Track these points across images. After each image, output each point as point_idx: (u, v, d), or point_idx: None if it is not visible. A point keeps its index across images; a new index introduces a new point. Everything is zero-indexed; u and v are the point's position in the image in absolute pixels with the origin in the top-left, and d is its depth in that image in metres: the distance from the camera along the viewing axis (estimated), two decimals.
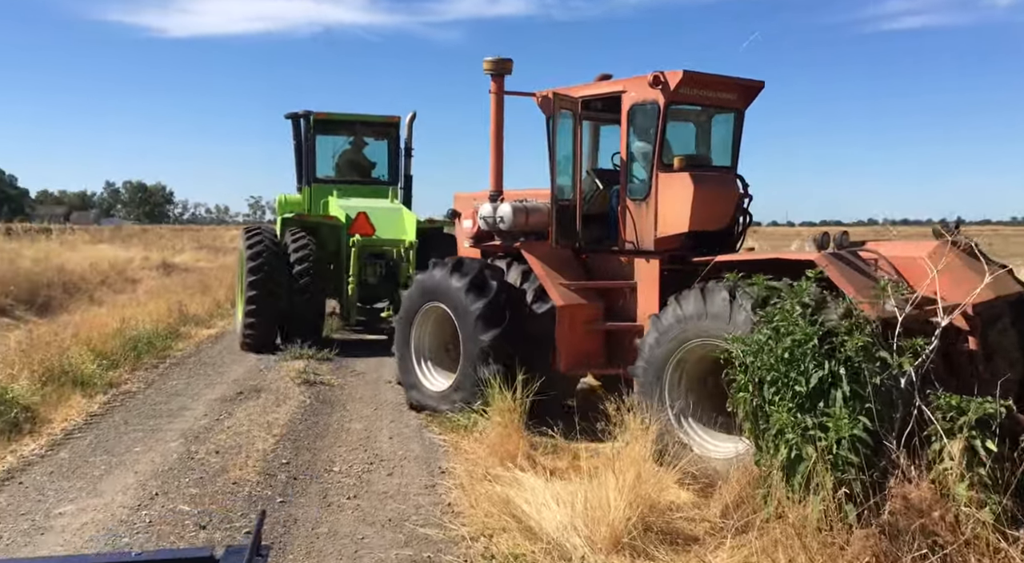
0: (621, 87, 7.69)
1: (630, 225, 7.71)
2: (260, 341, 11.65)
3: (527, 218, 8.32)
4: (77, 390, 8.64)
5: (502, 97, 8.52)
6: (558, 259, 8.03)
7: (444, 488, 6.08)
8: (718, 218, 7.65)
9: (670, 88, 7.22)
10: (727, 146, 7.99)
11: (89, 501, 5.63)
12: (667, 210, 7.42)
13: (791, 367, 5.00)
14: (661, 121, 7.34)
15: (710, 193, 7.43)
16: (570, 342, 7.64)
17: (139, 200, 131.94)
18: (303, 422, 7.94)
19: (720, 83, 7.60)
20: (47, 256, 22.88)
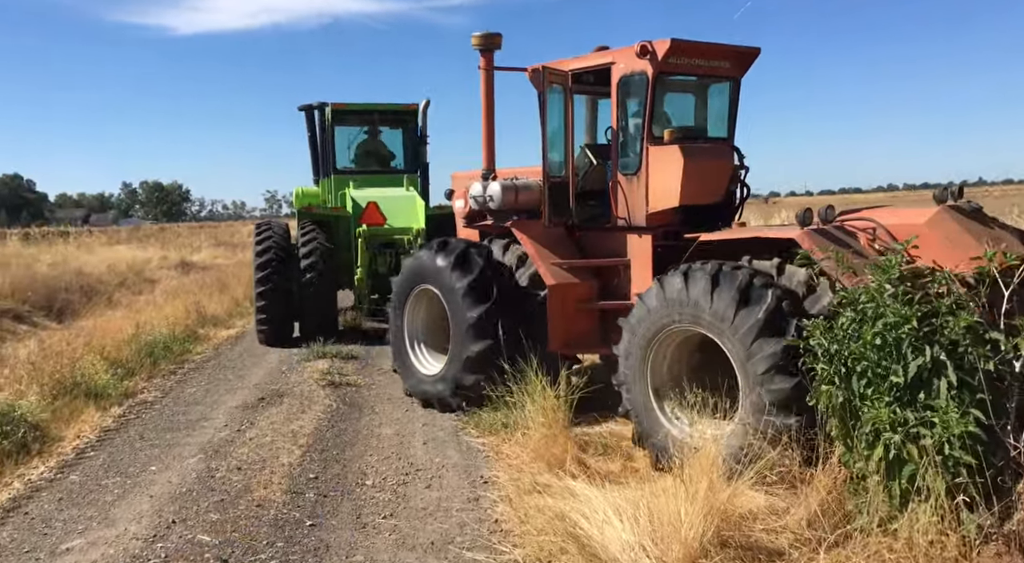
0: (610, 58, 7.37)
1: (622, 201, 7.43)
2: (274, 335, 11.70)
3: (517, 196, 8.14)
4: (90, 403, 8.14)
5: (492, 73, 8.39)
6: (551, 238, 7.84)
7: (489, 501, 5.50)
8: (711, 191, 7.32)
9: (658, 58, 6.92)
10: (724, 117, 7.64)
11: (100, 533, 5.11)
12: (658, 184, 7.12)
13: (884, 355, 4.35)
14: (650, 92, 7.03)
15: (701, 166, 7.09)
16: (562, 321, 7.44)
17: (156, 200, 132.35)
18: (330, 429, 7.39)
19: (712, 51, 7.26)
20: (64, 260, 22.64)
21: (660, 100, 7.39)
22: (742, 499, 4.91)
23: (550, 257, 7.64)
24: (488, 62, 8.38)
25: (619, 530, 4.50)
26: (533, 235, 7.81)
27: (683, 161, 6.93)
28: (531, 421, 6.52)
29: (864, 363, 4.37)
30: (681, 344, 6.15)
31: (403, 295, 8.52)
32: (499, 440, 6.81)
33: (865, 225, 6.25)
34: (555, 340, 7.44)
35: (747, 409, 5.34)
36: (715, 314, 5.53)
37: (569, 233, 7.97)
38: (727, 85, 7.60)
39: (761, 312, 5.30)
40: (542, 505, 5.24)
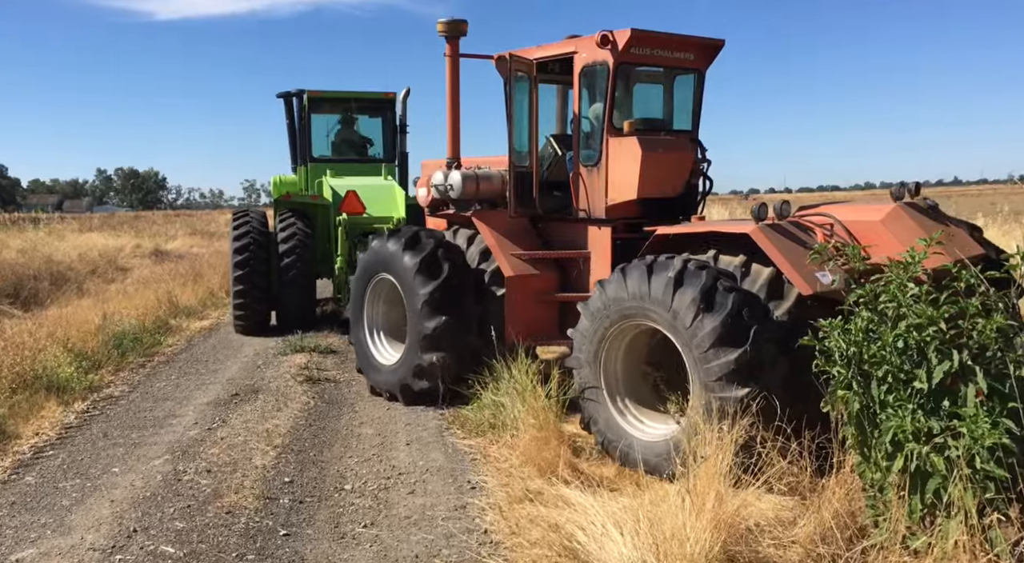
0: (573, 48, 7.27)
1: (582, 192, 7.36)
2: (250, 324, 11.58)
3: (478, 186, 8.09)
4: (52, 397, 7.69)
5: (458, 60, 8.26)
6: (513, 229, 7.77)
7: (476, 509, 5.14)
8: (670, 184, 7.25)
9: (619, 48, 6.82)
10: (688, 109, 7.56)
11: (54, 542, 4.69)
12: (617, 176, 7.05)
13: (907, 359, 4.05)
14: (611, 83, 6.94)
15: (660, 158, 7.02)
16: (520, 312, 7.42)
17: (131, 187, 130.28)
18: (307, 429, 7.00)
19: (675, 42, 7.17)
20: (34, 246, 21.95)
21: (622, 91, 7.30)
22: (749, 509, 4.62)
23: (510, 248, 7.57)
24: (454, 49, 8.22)
25: (619, 544, 4.17)
26: (494, 226, 7.72)
27: (641, 153, 6.83)
28: (520, 422, 6.20)
29: (885, 367, 4.07)
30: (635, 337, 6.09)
31: (362, 289, 8.41)
32: (486, 442, 6.46)
33: (823, 221, 6.22)
34: (513, 329, 7.34)
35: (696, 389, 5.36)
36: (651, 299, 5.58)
37: (532, 224, 7.91)
38: (692, 77, 7.49)
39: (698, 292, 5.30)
40: (534, 514, 4.91)
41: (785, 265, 5.43)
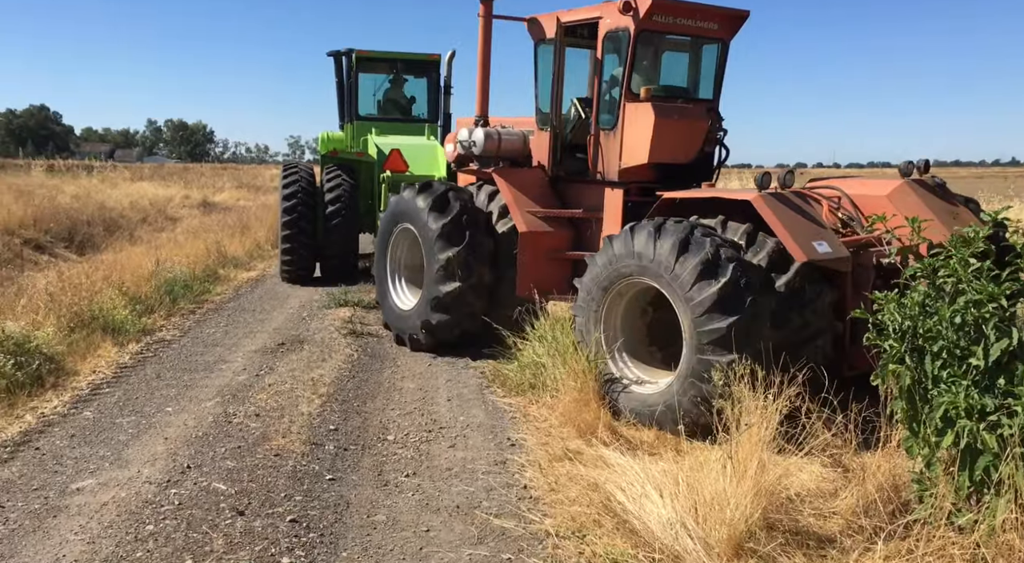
0: (598, 13, 7.39)
1: (599, 155, 7.56)
2: (296, 273, 12.12)
3: (499, 144, 8.33)
4: (108, 338, 7.95)
5: (490, 21, 8.46)
6: (532, 186, 8.00)
7: (516, 465, 5.22)
8: (683, 151, 7.38)
9: (640, 15, 6.93)
10: (710, 79, 7.66)
11: (112, 474, 4.89)
12: (631, 140, 7.21)
13: (963, 335, 3.98)
14: (631, 49, 7.06)
15: (673, 125, 7.16)
16: (531, 267, 7.65)
17: (180, 139, 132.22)
18: (351, 380, 7.14)
19: (699, 11, 7.23)
20: (88, 193, 22.46)
21: (643, 57, 7.40)
22: (790, 479, 4.62)
23: (527, 205, 7.79)
24: (487, 10, 8.42)
25: (658, 506, 4.22)
26: (514, 183, 7.94)
27: (655, 119, 6.97)
28: (560, 383, 6.24)
29: (940, 342, 4.00)
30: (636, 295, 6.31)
31: (387, 232, 8.80)
32: (526, 401, 6.53)
33: (831, 193, 6.49)
34: (523, 285, 7.61)
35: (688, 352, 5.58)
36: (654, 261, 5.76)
37: (553, 184, 8.11)
38: (715, 47, 7.56)
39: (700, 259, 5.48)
40: (573, 473, 4.97)
41: (783, 232, 5.60)
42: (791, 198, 5.98)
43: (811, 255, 5.50)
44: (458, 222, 7.82)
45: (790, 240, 5.55)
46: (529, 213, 7.73)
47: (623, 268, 6.06)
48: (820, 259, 5.55)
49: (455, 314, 7.88)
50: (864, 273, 5.93)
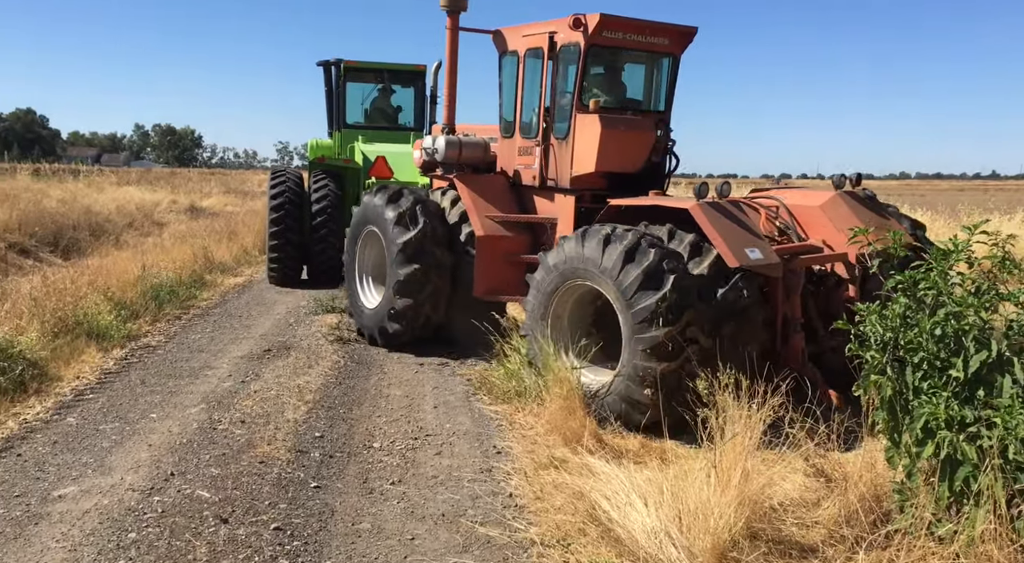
0: (553, 28, 7.71)
1: (552, 163, 7.93)
2: (283, 276, 12.45)
3: (460, 151, 8.74)
4: (92, 343, 7.91)
5: (457, 33, 8.86)
6: (493, 192, 8.33)
7: (502, 473, 5.24)
8: (630, 160, 7.75)
9: (589, 31, 7.28)
10: (662, 91, 8.06)
11: (95, 481, 4.86)
12: (580, 150, 7.58)
13: (943, 346, 4.03)
14: (581, 63, 7.41)
15: (619, 136, 7.53)
16: (488, 270, 7.96)
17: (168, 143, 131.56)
18: (337, 386, 7.13)
19: (648, 28, 7.60)
20: (74, 197, 22.27)
21: (593, 71, 7.78)
22: (774, 488, 4.65)
23: (487, 210, 8.11)
24: (454, 23, 8.80)
25: (643, 514, 4.23)
26: (474, 188, 8.25)
27: (601, 130, 7.33)
28: (546, 392, 6.26)
29: (921, 354, 4.05)
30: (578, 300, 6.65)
31: (354, 238, 9.18)
32: (512, 409, 6.55)
33: (770, 203, 7.05)
34: (480, 286, 7.98)
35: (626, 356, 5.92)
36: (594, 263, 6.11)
37: (513, 190, 8.45)
38: (666, 61, 7.95)
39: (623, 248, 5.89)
40: (559, 481, 4.99)
41: (717, 239, 5.95)
42: (727, 207, 6.34)
43: (743, 261, 5.84)
44: (421, 238, 8.05)
45: (724, 247, 5.89)
46: (487, 217, 8.04)
47: (572, 269, 6.38)
48: (752, 265, 5.87)
49: (410, 323, 8.23)
50: (794, 279, 6.26)
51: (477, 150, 8.83)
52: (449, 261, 8.22)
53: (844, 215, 6.63)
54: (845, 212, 6.68)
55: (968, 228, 4.36)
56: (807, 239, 6.70)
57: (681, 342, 5.64)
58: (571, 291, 6.57)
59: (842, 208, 6.74)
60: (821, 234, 6.67)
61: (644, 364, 5.73)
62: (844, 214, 6.64)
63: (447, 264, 8.20)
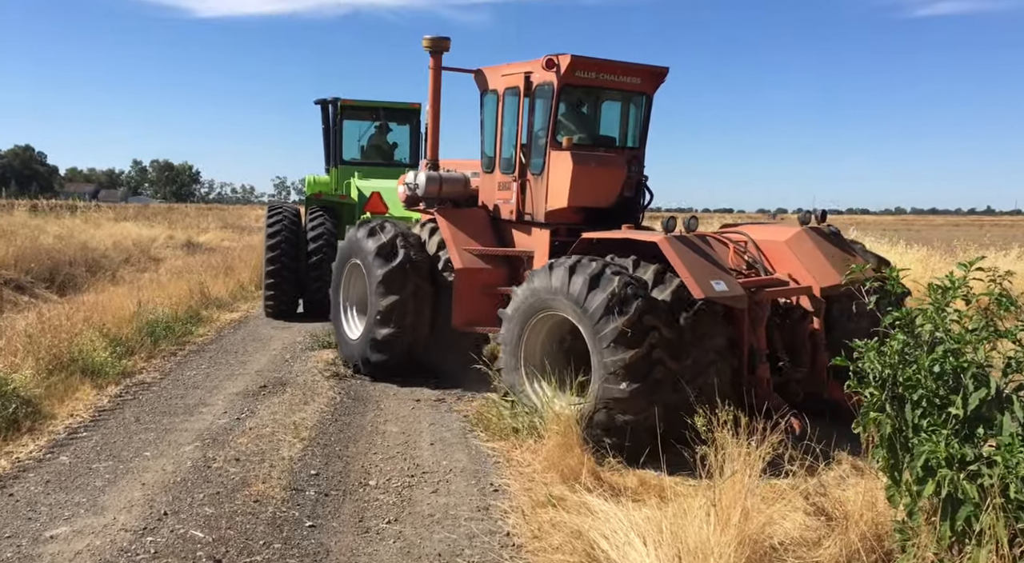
0: (529, 68, 7.99)
1: (529, 198, 8.17)
2: (279, 308, 12.68)
3: (440, 187, 9.04)
4: (87, 380, 7.86)
5: (440, 73, 9.24)
6: (473, 226, 8.56)
7: (499, 511, 5.18)
8: (602, 195, 7.99)
9: (561, 71, 7.57)
10: (636, 129, 8.34)
11: (87, 521, 4.80)
12: (554, 185, 7.82)
13: (942, 383, 4.03)
14: (555, 102, 7.68)
15: (591, 172, 7.76)
16: (466, 301, 8.15)
17: (166, 179, 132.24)
18: (333, 423, 7.08)
19: (620, 68, 7.91)
20: (71, 233, 22.29)
21: (566, 109, 8.04)
22: (774, 527, 4.60)
23: (466, 243, 8.33)
24: (436, 63, 9.18)
25: (642, 554, 4.19)
26: (454, 222, 8.50)
27: (573, 167, 7.59)
28: (544, 429, 6.22)
29: (920, 391, 4.05)
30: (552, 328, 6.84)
31: (340, 271, 9.42)
32: (509, 445, 6.50)
33: (738, 238, 7.28)
34: (458, 317, 8.20)
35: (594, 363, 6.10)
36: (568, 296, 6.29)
37: (493, 223, 8.68)
38: (639, 100, 8.25)
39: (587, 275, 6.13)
40: (557, 520, 4.93)
41: (684, 272, 6.13)
42: (694, 241, 6.57)
43: (708, 293, 6.02)
44: (400, 269, 8.31)
45: (690, 279, 6.07)
46: (466, 250, 8.26)
47: (542, 300, 6.59)
48: (717, 297, 6.06)
49: (391, 352, 8.46)
50: (760, 310, 6.47)
51: (457, 185, 9.13)
52: (429, 292, 8.45)
53: (809, 250, 6.89)
54: (810, 247, 6.93)
55: (964, 265, 4.38)
56: (774, 273, 6.96)
57: (646, 364, 5.85)
58: (543, 322, 6.77)
59: (807, 243, 6.98)
60: (787, 268, 6.92)
61: (611, 387, 5.91)
62: (809, 249, 6.90)
63: (427, 295, 8.43)
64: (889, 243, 16.41)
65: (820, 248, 6.98)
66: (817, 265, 6.80)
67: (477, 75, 8.87)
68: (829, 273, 6.69)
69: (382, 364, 8.53)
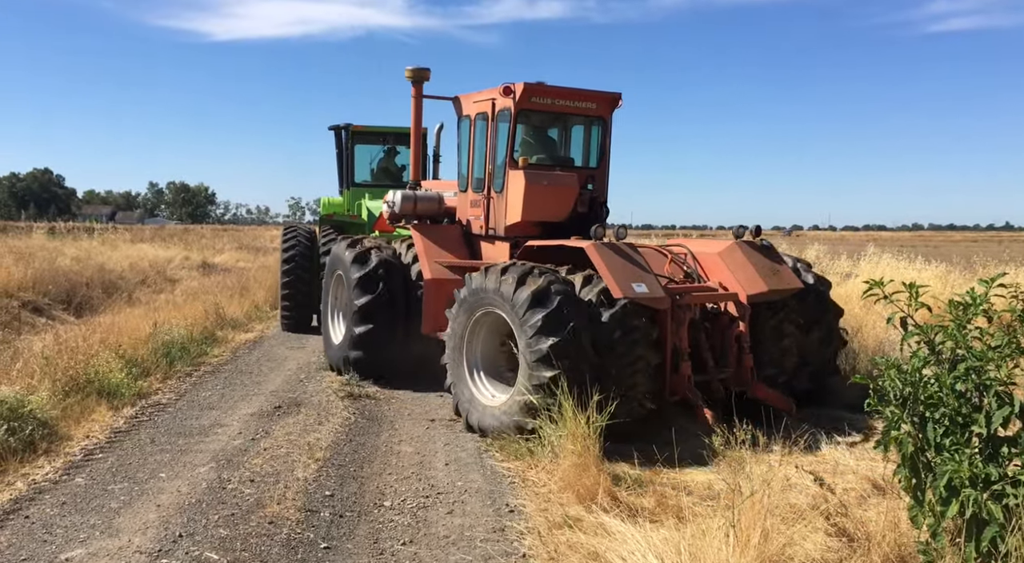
0: (492, 96, 8.66)
1: (493, 213, 8.87)
2: (294, 322, 13.51)
3: (415, 205, 9.97)
4: (102, 402, 7.88)
5: (421, 100, 10.32)
6: (446, 240, 9.34)
7: (515, 533, 5.13)
8: (554, 211, 8.60)
9: (516, 97, 8.25)
10: (595, 150, 9.05)
11: (102, 543, 4.79)
12: (511, 202, 8.49)
13: (965, 402, 3.96)
14: (512, 125, 8.39)
15: (542, 189, 8.37)
16: (435, 309, 8.69)
17: (182, 200, 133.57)
18: (348, 444, 7.06)
19: (574, 94, 8.62)
20: (88, 255, 22.52)
21: (525, 132, 8.76)
22: (794, 548, 4.52)
23: (438, 255, 9.04)
24: (418, 92, 10.24)
25: None
26: (429, 236, 9.28)
27: (525, 184, 8.25)
28: (560, 448, 6.17)
29: (942, 410, 3.98)
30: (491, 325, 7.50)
31: (327, 284, 10.41)
32: (525, 466, 6.44)
33: (679, 250, 8.14)
34: (427, 324, 8.84)
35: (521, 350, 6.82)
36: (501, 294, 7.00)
37: (466, 238, 9.43)
38: (595, 123, 8.93)
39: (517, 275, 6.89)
40: (573, 541, 4.87)
41: (607, 274, 6.85)
42: (621, 247, 7.26)
43: (628, 293, 6.71)
44: (374, 274, 9.17)
45: (611, 280, 6.79)
46: (436, 262, 8.95)
47: (480, 298, 7.34)
48: (637, 297, 6.73)
49: (367, 350, 9.25)
50: (682, 313, 7.08)
51: (432, 203, 10.02)
52: (401, 297, 9.28)
53: (739, 261, 7.62)
54: (740, 258, 7.64)
55: (986, 281, 4.32)
56: (707, 281, 7.71)
57: (565, 353, 6.48)
58: (482, 321, 7.50)
59: (737, 255, 7.68)
60: (719, 277, 7.65)
61: (534, 373, 6.58)
62: (739, 260, 7.63)
63: (400, 300, 9.26)
64: (907, 259, 16.23)
65: (750, 259, 7.64)
66: (746, 275, 7.51)
67: (454, 102, 9.55)
68: (756, 282, 7.43)
69: (359, 360, 9.29)
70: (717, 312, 7.69)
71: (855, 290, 12.18)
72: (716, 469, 5.98)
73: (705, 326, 7.55)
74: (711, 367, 7.36)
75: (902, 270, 14.90)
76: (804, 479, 5.23)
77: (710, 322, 7.64)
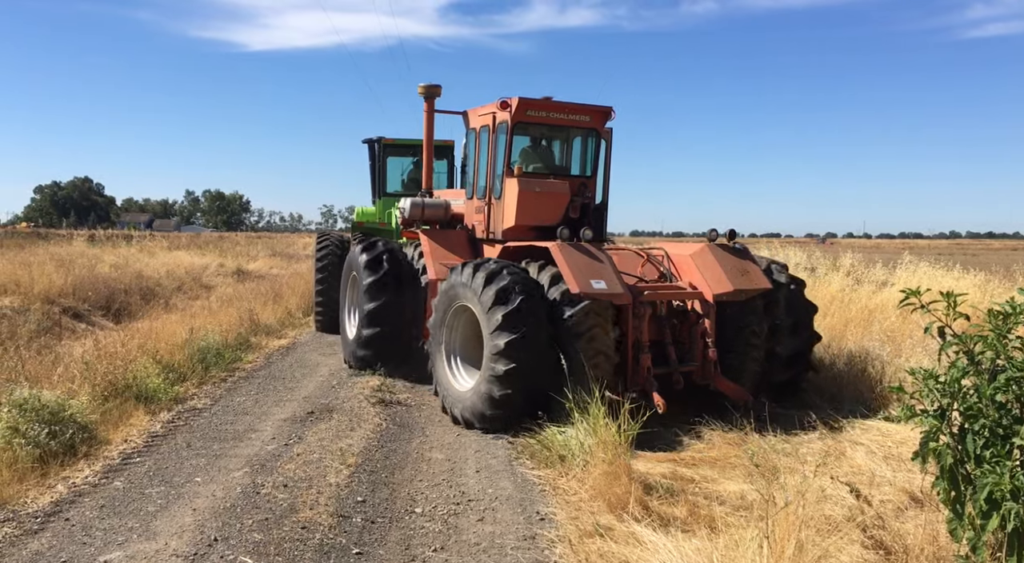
0: (493, 110, 9.30)
1: (492, 218, 9.55)
2: (327, 323, 14.14)
3: (423, 211, 10.77)
4: (140, 406, 8.02)
5: (432, 115, 11.15)
6: (453, 243, 9.99)
7: (546, 541, 5.12)
8: (545, 216, 9.20)
9: (512, 111, 8.93)
10: (591, 159, 9.67)
11: (140, 546, 4.87)
12: (506, 207, 9.16)
13: (1006, 413, 3.88)
14: (508, 137, 9.08)
15: (532, 196, 9.04)
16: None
17: (217, 208, 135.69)
18: (379, 450, 7.10)
19: (567, 107, 9.27)
20: (126, 262, 23.00)
21: (521, 142, 9.37)
22: (830, 561, 4.46)
23: (444, 257, 9.62)
24: (430, 106, 11.07)
25: None
26: (436, 240, 9.97)
27: (518, 191, 8.92)
28: (591, 456, 6.15)
29: (982, 421, 3.90)
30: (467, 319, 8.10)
31: (344, 283, 11.32)
32: (555, 473, 6.43)
33: (656, 252, 8.78)
34: (428, 320, 9.08)
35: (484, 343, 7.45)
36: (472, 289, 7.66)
37: (471, 242, 10.12)
38: (590, 134, 9.54)
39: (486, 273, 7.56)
40: (604, 550, 4.85)
41: (566, 271, 7.39)
42: (585, 247, 7.78)
43: (586, 289, 7.22)
44: (385, 278, 9.88)
45: (571, 277, 7.30)
46: (441, 264, 9.47)
47: (456, 293, 7.99)
48: (595, 294, 7.22)
49: (374, 349, 10.08)
50: (642, 309, 7.59)
51: (438, 210, 10.82)
52: (411, 299, 9.98)
53: (710, 263, 8.13)
54: (711, 260, 8.15)
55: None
56: (679, 280, 8.27)
57: (522, 347, 7.10)
58: (459, 314, 8.14)
59: (708, 257, 8.19)
60: (689, 277, 8.20)
61: (494, 365, 7.21)
62: (709, 261, 8.14)
63: (409, 301, 9.96)
64: (944, 268, 15.90)
65: (720, 261, 8.14)
66: (714, 275, 8.02)
67: (463, 116, 10.15)
68: (723, 281, 7.93)
69: (366, 358, 10.17)
70: (684, 309, 8.18)
71: (891, 299, 11.95)
72: (749, 479, 5.91)
73: (673, 322, 8.09)
74: (672, 360, 7.87)
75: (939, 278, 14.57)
76: (840, 490, 5.17)
77: (678, 319, 8.15)
